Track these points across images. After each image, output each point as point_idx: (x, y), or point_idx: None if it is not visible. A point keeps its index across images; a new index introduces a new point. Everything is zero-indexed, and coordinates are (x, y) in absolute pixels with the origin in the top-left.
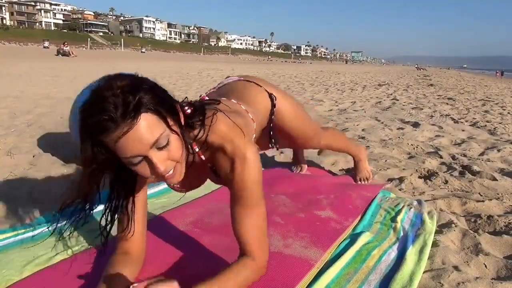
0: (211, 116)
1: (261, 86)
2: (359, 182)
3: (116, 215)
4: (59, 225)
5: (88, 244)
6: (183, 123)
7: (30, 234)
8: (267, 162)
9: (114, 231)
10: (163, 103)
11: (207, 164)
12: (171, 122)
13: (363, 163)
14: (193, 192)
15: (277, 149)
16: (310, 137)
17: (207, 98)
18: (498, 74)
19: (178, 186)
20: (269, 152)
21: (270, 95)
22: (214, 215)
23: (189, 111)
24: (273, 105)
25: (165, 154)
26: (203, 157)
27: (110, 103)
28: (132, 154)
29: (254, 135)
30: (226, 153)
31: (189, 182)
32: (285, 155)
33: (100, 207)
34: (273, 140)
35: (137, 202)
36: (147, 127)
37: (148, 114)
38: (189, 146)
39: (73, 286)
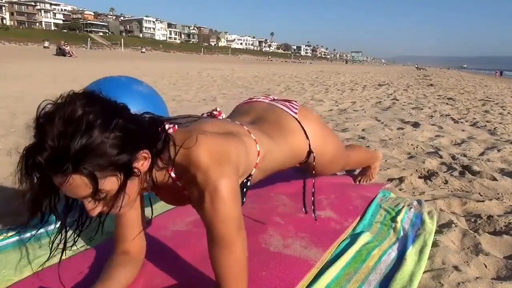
0: (189, 138)
1: (305, 134)
2: (358, 182)
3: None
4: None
5: (88, 244)
6: (149, 163)
7: (30, 234)
8: None
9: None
10: (113, 156)
11: (184, 192)
12: (119, 176)
13: (372, 170)
14: None
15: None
16: (337, 170)
17: (221, 117)
18: (497, 74)
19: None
20: None
21: (309, 152)
22: None
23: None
24: (307, 158)
25: (100, 204)
26: (179, 183)
27: (44, 148)
28: (67, 194)
29: (254, 170)
30: (197, 183)
31: (173, 201)
32: None
33: None
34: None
35: None
36: (74, 187)
37: (78, 176)
38: (152, 180)
39: (73, 286)
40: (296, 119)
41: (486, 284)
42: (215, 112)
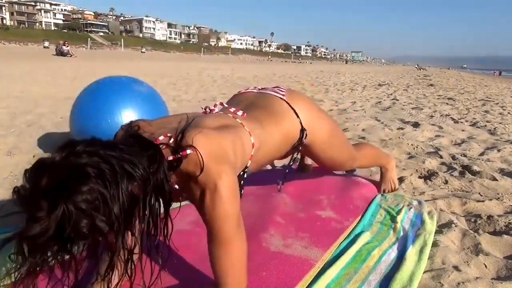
0: (185, 139)
1: (295, 113)
2: (382, 193)
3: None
4: None
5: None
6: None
7: None
8: None
9: None
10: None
11: (182, 194)
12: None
13: (390, 173)
14: None
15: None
16: (343, 163)
17: (217, 109)
18: (496, 73)
19: None
20: None
21: (302, 130)
22: None
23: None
24: (302, 137)
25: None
26: (177, 186)
27: (35, 206)
28: None
29: (250, 162)
30: (197, 181)
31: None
32: None
33: None
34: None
35: None
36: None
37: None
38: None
39: (72, 285)
40: (285, 100)
41: (486, 284)
42: (211, 107)
